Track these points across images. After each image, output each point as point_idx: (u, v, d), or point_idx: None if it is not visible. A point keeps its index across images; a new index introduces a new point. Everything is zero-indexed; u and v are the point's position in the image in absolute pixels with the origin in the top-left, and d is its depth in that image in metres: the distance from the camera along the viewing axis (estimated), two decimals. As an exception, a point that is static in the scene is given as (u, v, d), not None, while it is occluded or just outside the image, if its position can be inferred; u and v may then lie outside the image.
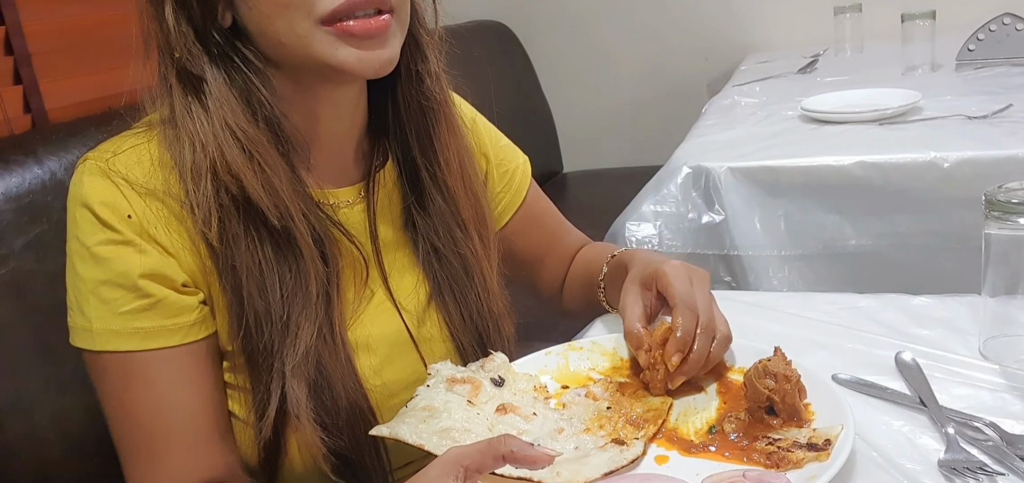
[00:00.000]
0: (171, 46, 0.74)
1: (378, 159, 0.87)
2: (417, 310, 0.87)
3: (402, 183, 0.87)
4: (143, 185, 0.74)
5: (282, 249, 0.75)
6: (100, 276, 0.72)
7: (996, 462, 0.66)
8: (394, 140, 0.86)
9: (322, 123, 0.81)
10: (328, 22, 0.72)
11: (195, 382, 0.75)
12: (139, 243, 0.73)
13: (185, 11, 0.73)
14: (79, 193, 0.74)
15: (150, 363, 0.73)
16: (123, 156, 0.75)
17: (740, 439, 0.72)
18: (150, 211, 0.73)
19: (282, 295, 0.74)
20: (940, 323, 0.90)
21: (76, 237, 0.74)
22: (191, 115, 0.73)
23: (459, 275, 0.88)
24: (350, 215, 0.84)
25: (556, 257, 1.08)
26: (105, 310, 0.72)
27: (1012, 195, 0.77)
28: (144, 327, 0.73)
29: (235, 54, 0.75)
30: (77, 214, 0.74)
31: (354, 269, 0.83)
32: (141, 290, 0.72)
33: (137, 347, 0.73)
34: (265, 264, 0.74)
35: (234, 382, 0.78)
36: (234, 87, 0.74)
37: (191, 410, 0.75)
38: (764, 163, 1.42)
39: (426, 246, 0.87)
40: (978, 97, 1.57)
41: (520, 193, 1.03)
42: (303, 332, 0.75)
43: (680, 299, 0.79)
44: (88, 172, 0.74)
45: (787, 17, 2.68)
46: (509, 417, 0.75)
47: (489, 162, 1.00)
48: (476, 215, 0.89)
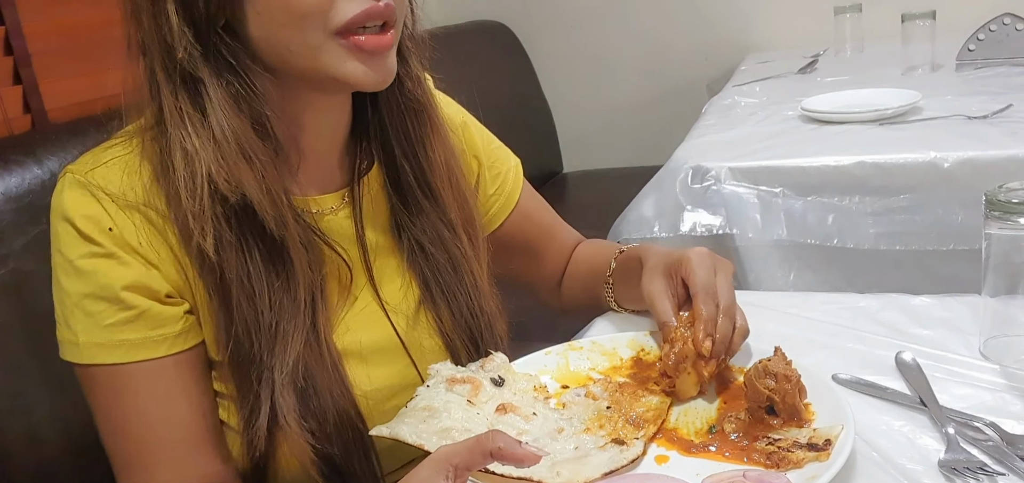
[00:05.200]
0: (171, 46, 0.71)
1: (363, 163, 0.86)
2: (408, 313, 0.86)
3: (387, 186, 0.87)
4: (123, 197, 0.73)
5: (272, 257, 0.74)
6: (83, 289, 0.72)
7: (996, 462, 0.66)
8: (377, 144, 0.86)
9: (307, 129, 0.80)
10: (341, 34, 0.72)
11: (183, 392, 0.75)
12: (121, 255, 0.72)
13: (189, 10, 0.71)
14: (60, 207, 0.73)
15: (137, 375, 0.73)
16: (103, 168, 0.74)
17: (740, 439, 0.72)
18: (131, 223, 0.73)
19: (271, 304, 0.74)
20: (940, 323, 0.90)
21: (59, 251, 0.73)
22: (184, 120, 0.71)
23: (449, 275, 0.87)
24: (334, 222, 0.83)
25: (552, 254, 1.08)
26: (90, 323, 0.72)
27: (1012, 195, 0.76)
28: (129, 339, 0.73)
29: (230, 56, 0.73)
30: (59, 228, 0.73)
31: (338, 277, 0.82)
32: (124, 302, 0.72)
33: (123, 359, 0.73)
34: (254, 272, 0.73)
35: (224, 391, 0.78)
36: (228, 90, 0.73)
37: (181, 420, 0.75)
38: (764, 163, 1.42)
39: (414, 248, 0.87)
40: (978, 97, 1.57)
41: (514, 195, 1.03)
42: (293, 341, 0.74)
43: (700, 286, 0.79)
44: (69, 186, 0.73)
45: (787, 17, 2.68)
46: (509, 417, 0.75)
47: (481, 165, 1.00)
48: (464, 215, 0.89)
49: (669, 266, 0.85)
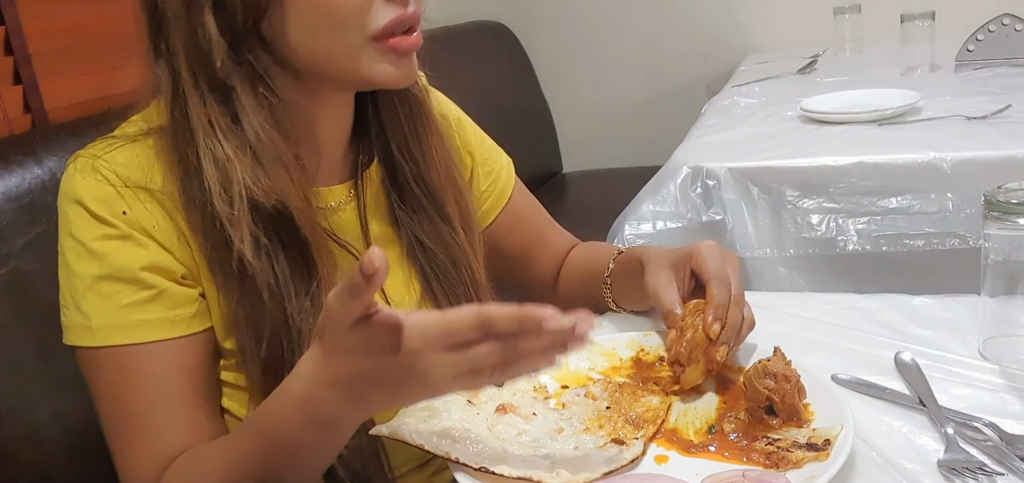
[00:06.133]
0: (206, 54, 0.71)
1: (364, 157, 0.88)
2: (410, 307, 0.87)
3: (386, 182, 0.88)
4: (135, 181, 0.73)
5: (299, 261, 0.75)
6: (98, 271, 0.72)
7: (995, 462, 0.66)
8: (377, 140, 0.87)
9: (320, 125, 0.81)
10: (378, 38, 0.74)
11: (191, 374, 0.75)
12: (137, 237, 0.73)
13: (226, 18, 0.71)
14: (71, 190, 0.73)
15: (149, 355, 0.73)
16: (115, 153, 0.75)
17: (740, 439, 0.72)
18: (145, 208, 0.73)
19: (299, 308, 0.74)
20: (940, 323, 0.90)
21: (70, 234, 0.73)
22: (214, 127, 0.72)
23: (447, 268, 0.88)
24: (343, 216, 0.85)
25: (545, 255, 1.09)
26: (105, 305, 0.72)
27: (1012, 195, 0.77)
28: (147, 319, 0.73)
29: (260, 62, 0.74)
30: (70, 211, 0.73)
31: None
32: (144, 282, 0.73)
33: (140, 339, 0.73)
34: (282, 277, 0.74)
35: (232, 381, 0.78)
36: (259, 96, 0.74)
37: (186, 400, 0.75)
38: (764, 163, 1.42)
39: (412, 243, 0.88)
40: (978, 97, 1.57)
41: (506, 192, 1.04)
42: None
43: (713, 273, 0.81)
44: (79, 170, 0.74)
45: (786, 17, 2.68)
46: (509, 417, 0.75)
47: (474, 160, 1.01)
48: (460, 209, 0.90)
49: (676, 261, 0.86)
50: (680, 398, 0.79)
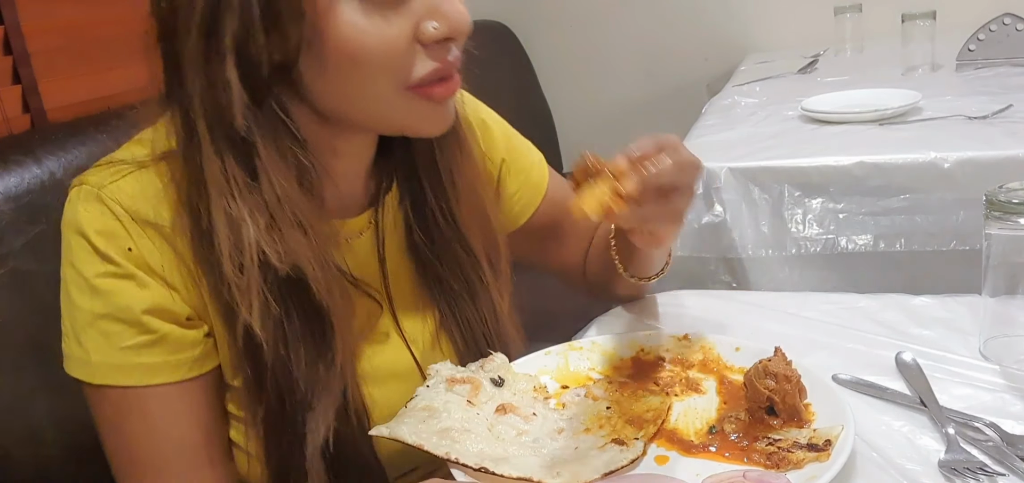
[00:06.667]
0: (225, 109, 0.65)
1: (385, 183, 0.84)
2: (426, 340, 0.85)
3: (404, 206, 0.84)
4: (143, 216, 0.69)
5: (312, 323, 0.71)
6: (99, 309, 0.69)
7: (996, 462, 0.66)
8: (400, 163, 0.83)
9: (341, 160, 0.77)
10: (414, 87, 0.69)
11: (195, 416, 0.73)
12: (140, 277, 0.69)
13: (249, 70, 0.65)
14: (74, 220, 0.69)
15: (149, 398, 0.71)
16: (122, 183, 0.70)
17: (740, 439, 0.72)
18: (152, 244, 0.69)
19: (307, 374, 0.71)
20: (940, 323, 0.90)
21: (72, 265, 0.70)
22: (230, 183, 0.66)
23: (465, 304, 0.85)
24: (360, 245, 0.81)
25: (575, 240, 1.06)
26: (105, 344, 0.70)
27: (1012, 195, 0.76)
28: (146, 363, 0.70)
29: (282, 110, 0.68)
30: (73, 241, 0.70)
31: (368, 316, 0.80)
32: (144, 326, 0.70)
33: (138, 382, 0.70)
34: (292, 340, 0.70)
35: (237, 414, 0.76)
36: (279, 148, 0.68)
37: (190, 441, 0.73)
38: (764, 163, 1.41)
39: (429, 273, 0.85)
40: (978, 97, 1.57)
41: (540, 188, 1.00)
42: (326, 412, 0.72)
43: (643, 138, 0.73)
44: (83, 199, 0.70)
45: (787, 17, 2.68)
46: (509, 417, 0.75)
47: (504, 163, 0.97)
48: (486, 241, 0.86)
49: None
50: (680, 398, 0.79)
